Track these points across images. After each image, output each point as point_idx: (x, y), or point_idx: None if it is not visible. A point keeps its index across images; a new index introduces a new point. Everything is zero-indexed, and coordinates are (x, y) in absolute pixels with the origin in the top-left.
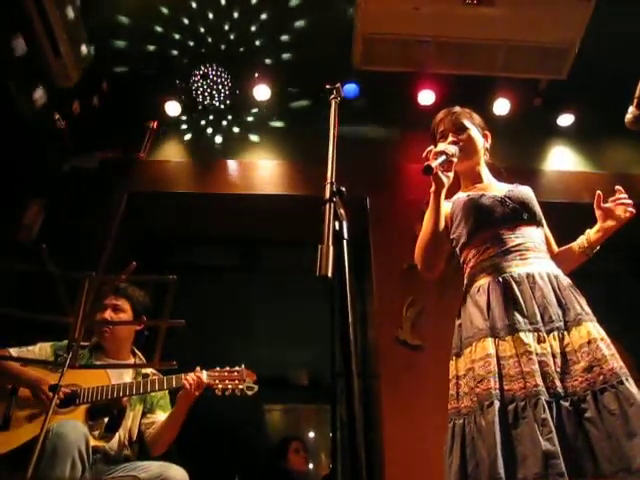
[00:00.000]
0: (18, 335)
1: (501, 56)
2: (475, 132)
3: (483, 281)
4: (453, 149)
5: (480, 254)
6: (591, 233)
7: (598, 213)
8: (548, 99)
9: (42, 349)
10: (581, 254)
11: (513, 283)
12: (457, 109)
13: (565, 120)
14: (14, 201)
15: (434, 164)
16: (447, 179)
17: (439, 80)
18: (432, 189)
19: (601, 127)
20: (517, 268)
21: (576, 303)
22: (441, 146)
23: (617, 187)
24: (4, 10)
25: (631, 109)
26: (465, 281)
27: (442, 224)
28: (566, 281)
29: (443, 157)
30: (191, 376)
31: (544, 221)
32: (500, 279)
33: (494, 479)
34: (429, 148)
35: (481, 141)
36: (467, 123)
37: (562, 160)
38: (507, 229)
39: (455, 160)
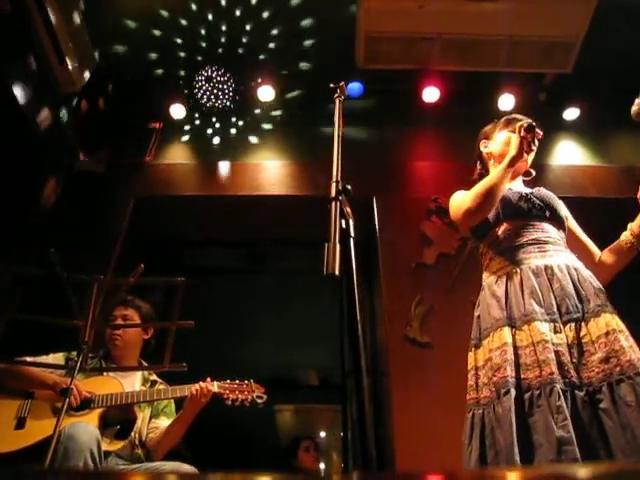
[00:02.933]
0: (29, 343)
1: (505, 51)
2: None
3: (501, 273)
4: (535, 146)
5: (499, 245)
6: (634, 226)
7: None
8: (553, 93)
9: (55, 359)
10: (629, 249)
11: (531, 274)
12: None
13: (571, 114)
14: (20, 206)
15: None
16: (522, 157)
17: (443, 77)
18: (512, 153)
19: (607, 120)
20: (535, 260)
21: (596, 295)
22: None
23: None
24: (8, 19)
25: (637, 100)
26: (484, 273)
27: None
28: (587, 273)
29: (537, 140)
30: (199, 384)
31: (577, 230)
32: (518, 270)
33: (511, 465)
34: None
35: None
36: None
37: (569, 154)
38: (528, 223)
39: (533, 151)
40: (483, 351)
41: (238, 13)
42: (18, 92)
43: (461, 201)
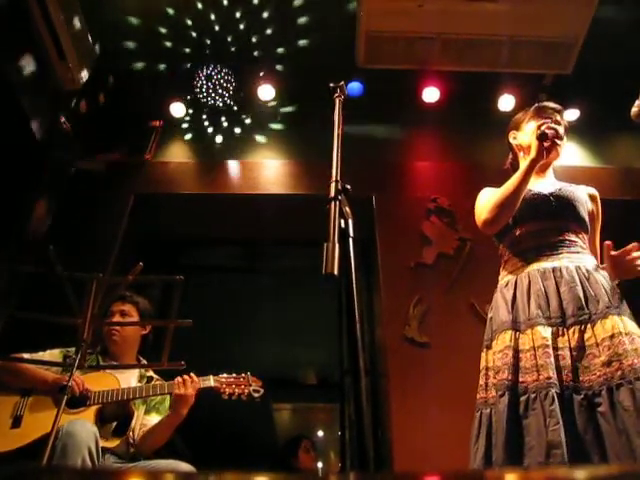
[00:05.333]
0: (27, 340)
1: (505, 52)
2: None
3: (511, 276)
4: (561, 142)
5: (515, 247)
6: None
7: (607, 261)
8: (553, 94)
9: (52, 355)
10: None
11: (539, 278)
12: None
13: (571, 115)
14: (20, 204)
15: (549, 133)
16: (544, 158)
17: (443, 77)
18: (532, 156)
19: (607, 121)
20: (546, 263)
21: (606, 296)
22: (561, 132)
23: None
24: (8, 13)
25: (637, 102)
26: (500, 274)
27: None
28: (599, 276)
29: (559, 142)
30: (184, 377)
31: (595, 229)
32: (527, 273)
33: (498, 465)
34: (553, 126)
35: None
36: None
37: (568, 155)
38: (545, 227)
39: (558, 145)
40: (493, 352)
41: (239, 12)
42: (18, 89)
43: (481, 209)
